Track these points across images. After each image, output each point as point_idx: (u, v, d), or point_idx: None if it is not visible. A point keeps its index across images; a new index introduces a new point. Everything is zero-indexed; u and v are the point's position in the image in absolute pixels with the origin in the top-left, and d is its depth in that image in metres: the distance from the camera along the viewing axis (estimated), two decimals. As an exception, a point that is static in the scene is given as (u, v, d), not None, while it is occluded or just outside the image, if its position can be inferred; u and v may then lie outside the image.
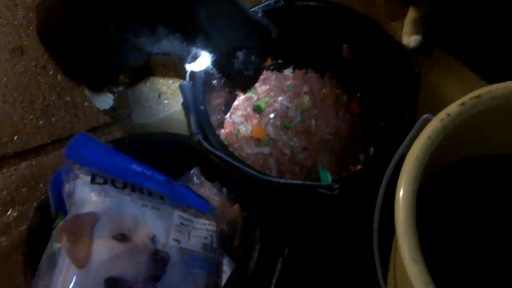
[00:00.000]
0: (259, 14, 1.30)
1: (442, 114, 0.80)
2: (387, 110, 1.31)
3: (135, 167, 1.03)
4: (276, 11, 1.32)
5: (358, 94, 1.44)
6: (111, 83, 1.51)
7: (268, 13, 1.31)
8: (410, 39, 1.55)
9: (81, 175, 0.95)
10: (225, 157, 1.09)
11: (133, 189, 0.97)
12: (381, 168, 0.88)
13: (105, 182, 0.95)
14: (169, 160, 1.10)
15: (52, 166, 1.43)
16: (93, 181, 0.95)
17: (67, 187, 0.94)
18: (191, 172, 1.07)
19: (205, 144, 1.11)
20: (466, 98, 0.82)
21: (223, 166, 1.09)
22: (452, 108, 0.81)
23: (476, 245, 0.92)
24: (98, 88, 1.47)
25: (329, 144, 1.37)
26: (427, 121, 0.82)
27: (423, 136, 0.78)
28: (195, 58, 1.23)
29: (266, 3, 1.31)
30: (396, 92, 1.25)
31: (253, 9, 1.30)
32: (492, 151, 0.96)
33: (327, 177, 1.05)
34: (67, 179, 0.95)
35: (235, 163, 1.09)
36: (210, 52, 1.17)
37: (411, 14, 1.53)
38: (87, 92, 1.51)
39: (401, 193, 0.73)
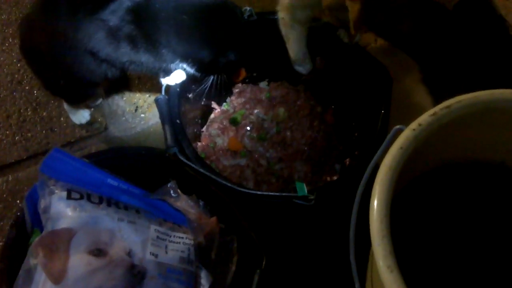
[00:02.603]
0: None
1: (413, 125, 0.82)
2: (361, 121, 1.33)
3: (111, 181, 1.03)
4: (250, 25, 1.33)
5: (332, 106, 1.46)
6: (90, 98, 1.50)
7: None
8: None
9: (56, 191, 0.95)
10: (201, 169, 1.10)
11: (109, 204, 0.97)
12: (357, 178, 0.89)
13: (81, 197, 0.95)
14: (145, 173, 1.10)
15: (28, 182, 1.42)
16: (68, 196, 0.94)
17: (42, 203, 0.93)
18: (168, 185, 1.07)
19: (181, 157, 1.11)
20: (436, 108, 0.84)
21: (199, 178, 1.10)
22: (423, 118, 0.83)
23: (451, 251, 0.94)
24: (77, 102, 1.47)
25: (304, 154, 1.38)
26: (399, 132, 0.83)
27: (395, 146, 0.80)
28: (169, 72, 1.24)
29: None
30: (369, 102, 1.27)
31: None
32: (465, 158, 0.98)
33: (303, 188, 1.06)
34: (42, 195, 0.94)
35: (212, 175, 1.09)
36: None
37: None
38: (64, 106, 1.50)
39: (375, 203, 0.74)
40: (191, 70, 1.20)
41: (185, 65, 1.18)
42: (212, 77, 1.24)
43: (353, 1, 1.10)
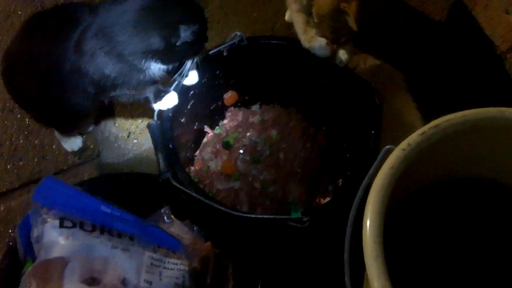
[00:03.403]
0: (224, 53, 1.33)
1: (403, 145, 0.82)
2: (353, 141, 1.34)
3: (104, 208, 1.02)
4: (241, 50, 1.35)
5: (324, 127, 1.47)
6: (82, 127, 1.51)
7: (233, 52, 1.34)
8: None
9: (49, 219, 0.95)
10: (195, 194, 1.10)
11: (102, 231, 0.96)
12: (350, 199, 0.89)
13: (74, 226, 0.95)
14: (139, 199, 1.10)
15: (20, 211, 1.41)
16: (61, 225, 0.94)
17: (35, 232, 0.93)
18: (161, 211, 1.07)
19: (175, 182, 1.11)
20: (425, 128, 0.85)
21: (193, 203, 1.10)
22: (413, 138, 0.83)
23: (446, 268, 0.94)
24: (69, 131, 1.47)
25: (298, 176, 1.38)
26: (389, 152, 0.84)
27: (386, 166, 0.80)
28: (161, 97, 1.24)
29: (231, 42, 1.33)
30: (359, 123, 1.28)
31: (218, 48, 1.33)
32: (457, 175, 0.98)
33: (297, 210, 1.06)
34: (35, 224, 0.94)
35: (205, 200, 1.09)
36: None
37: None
38: (56, 134, 1.50)
39: (367, 223, 0.74)
40: (160, 67, 1.19)
41: (151, 65, 1.17)
42: (185, 64, 1.22)
43: (347, 1, 1.12)
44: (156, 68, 1.17)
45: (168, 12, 1.10)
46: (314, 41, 1.26)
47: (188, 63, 1.19)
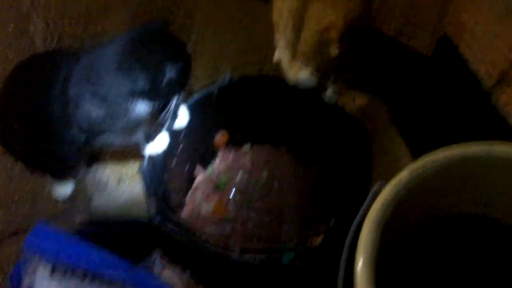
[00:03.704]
0: (215, 94, 1.35)
1: (393, 181, 0.83)
2: (344, 179, 1.34)
3: (95, 254, 1.02)
4: (231, 90, 1.36)
5: (315, 165, 1.47)
6: (72, 171, 1.50)
7: (223, 91, 1.36)
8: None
9: (40, 267, 0.94)
10: (186, 238, 1.09)
11: (94, 278, 0.95)
12: (342, 237, 0.89)
13: (65, 273, 0.94)
14: (130, 244, 1.09)
15: (12, 259, 1.39)
16: (52, 273, 0.93)
17: (26, 280, 0.92)
18: (153, 255, 1.06)
19: (166, 226, 1.11)
20: (414, 163, 0.86)
21: (185, 247, 1.09)
22: (403, 174, 0.84)
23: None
24: (60, 176, 1.46)
25: (290, 216, 1.38)
26: (380, 188, 0.84)
27: (377, 203, 0.81)
28: (152, 140, 1.25)
29: (221, 82, 1.35)
30: (350, 160, 1.29)
31: (208, 88, 1.34)
32: (449, 210, 0.99)
33: (289, 253, 1.05)
34: (26, 272, 0.93)
35: (197, 243, 1.08)
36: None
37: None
38: (47, 180, 1.50)
39: (360, 261, 0.74)
40: (146, 107, 1.19)
41: (137, 105, 1.17)
42: (171, 102, 1.22)
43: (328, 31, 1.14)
44: (142, 108, 1.17)
45: (152, 51, 1.11)
46: (299, 74, 1.28)
47: (174, 101, 1.19)
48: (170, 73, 1.11)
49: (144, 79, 1.10)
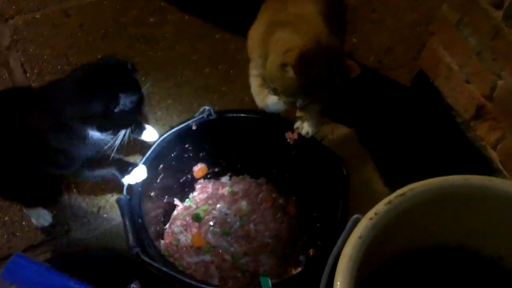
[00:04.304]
0: (193, 127, 1.36)
1: (370, 214, 0.84)
2: (322, 211, 1.35)
3: (73, 285, 1.01)
4: (210, 123, 1.37)
5: (294, 197, 1.48)
6: (46, 199, 1.49)
7: (202, 125, 1.37)
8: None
9: (17, 298, 0.93)
10: (164, 268, 1.08)
11: (70, 310, 0.94)
12: (321, 269, 0.90)
13: (41, 304, 0.93)
14: (108, 275, 1.08)
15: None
16: (28, 304, 0.92)
17: (2, 311, 0.91)
18: (131, 286, 1.06)
19: (144, 257, 1.10)
20: (391, 196, 0.87)
21: (163, 278, 1.08)
22: (380, 207, 0.85)
23: None
24: (33, 204, 1.45)
25: (269, 247, 1.38)
26: (357, 221, 0.85)
27: (354, 236, 0.81)
28: (129, 171, 1.25)
29: (200, 116, 1.36)
30: (328, 193, 1.30)
31: (187, 122, 1.35)
32: (427, 243, 1.00)
33: (267, 283, 1.05)
34: (2, 303, 0.92)
35: (175, 274, 1.08)
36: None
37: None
38: (24, 210, 1.48)
39: (337, 294, 0.74)
40: (97, 134, 1.21)
41: (90, 130, 1.19)
42: (120, 134, 1.24)
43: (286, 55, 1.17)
44: (96, 135, 1.19)
45: (109, 80, 1.15)
46: (267, 99, 1.30)
47: (122, 132, 1.21)
48: (123, 103, 1.15)
49: (98, 103, 1.13)
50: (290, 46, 1.17)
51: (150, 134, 1.43)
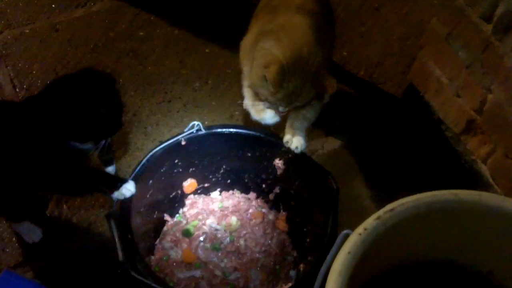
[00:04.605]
0: (183, 142, 1.35)
1: (359, 229, 0.84)
2: (312, 226, 1.35)
3: (61, 303, 1.00)
4: (199, 139, 1.37)
5: (284, 212, 1.47)
6: (32, 214, 1.48)
7: (191, 141, 1.36)
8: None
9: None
10: (154, 284, 1.08)
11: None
12: (311, 284, 0.89)
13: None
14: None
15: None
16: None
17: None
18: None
19: (134, 273, 1.09)
20: (381, 212, 0.87)
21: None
22: (369, 222, 0.85)
23: None
24: (18, 219, 1.44)
25: (259, 262, 1.37)
26: (346, 236, 0.85)
27: (343, 251, 0.81)
28: (118, 187, 1.24)
29: (189, 132, 1.36)
30: (318, 208, 1.30)
31: (176, 138, 1.35)
32: (417, 258, 1.00)
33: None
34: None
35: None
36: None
37: None
38: (13, 226, 1.47)
39: (327, 310, 0.74)
40: (78, 144, 1.21)
41: (70, 141, 1.20)
42: (100, 144, 1.25)
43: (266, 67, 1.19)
44: (76, 145, 1.19)
45: (87, 91, 1.17)
46: (263, 113, 1.32)
47: (102, 143, 1.23)
48: (103, 112, 1.17)
49: (77, 116, 1.15)
50: (270, 59, 1.19)
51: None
